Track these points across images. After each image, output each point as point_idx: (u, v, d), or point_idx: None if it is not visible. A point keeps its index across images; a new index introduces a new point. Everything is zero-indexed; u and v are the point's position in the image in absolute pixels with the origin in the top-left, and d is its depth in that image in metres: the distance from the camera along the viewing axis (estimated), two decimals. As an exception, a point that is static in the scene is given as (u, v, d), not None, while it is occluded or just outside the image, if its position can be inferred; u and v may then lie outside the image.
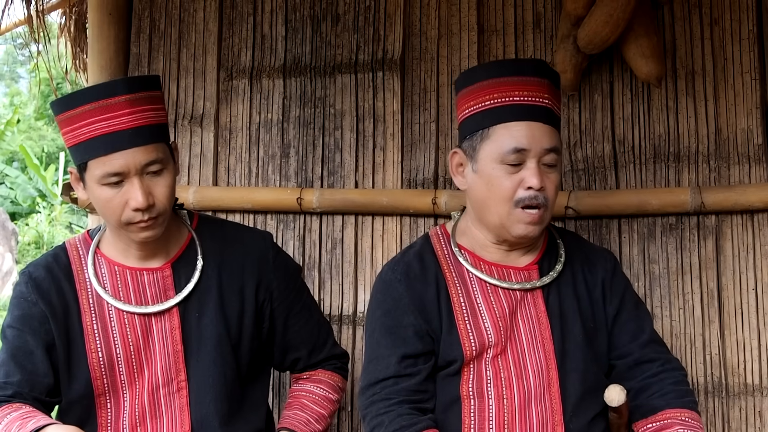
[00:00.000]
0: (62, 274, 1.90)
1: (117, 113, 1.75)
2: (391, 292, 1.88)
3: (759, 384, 2.33)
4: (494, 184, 1.78)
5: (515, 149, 1.76)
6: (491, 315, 1.84)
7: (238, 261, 1.97)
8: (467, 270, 1.88)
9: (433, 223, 2.49)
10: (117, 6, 2.69)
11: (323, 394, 2.02)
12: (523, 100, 1.78)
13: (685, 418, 1.79)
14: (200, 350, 1.89)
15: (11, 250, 11.22)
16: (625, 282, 1.99)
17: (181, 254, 1.94)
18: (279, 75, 2.63)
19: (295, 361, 2.06)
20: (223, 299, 1.93)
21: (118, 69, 2.68)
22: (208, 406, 1.88)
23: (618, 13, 2.14)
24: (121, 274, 1.90)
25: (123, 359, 1.86)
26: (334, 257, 2.55)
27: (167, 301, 1.89)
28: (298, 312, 2.04)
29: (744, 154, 2.38)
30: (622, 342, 1.91)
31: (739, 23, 2.42)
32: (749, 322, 2.35)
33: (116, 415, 1.87)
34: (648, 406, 1.84)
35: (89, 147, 1.76)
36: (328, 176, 2.58)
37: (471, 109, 1.82)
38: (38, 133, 17.14)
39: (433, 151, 2.52)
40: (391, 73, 2.55)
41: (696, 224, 2.39)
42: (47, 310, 1.86)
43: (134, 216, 1.78)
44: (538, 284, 1.87)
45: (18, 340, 1.86)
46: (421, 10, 2.57)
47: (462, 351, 1.82)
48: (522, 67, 1.84)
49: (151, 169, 1.78)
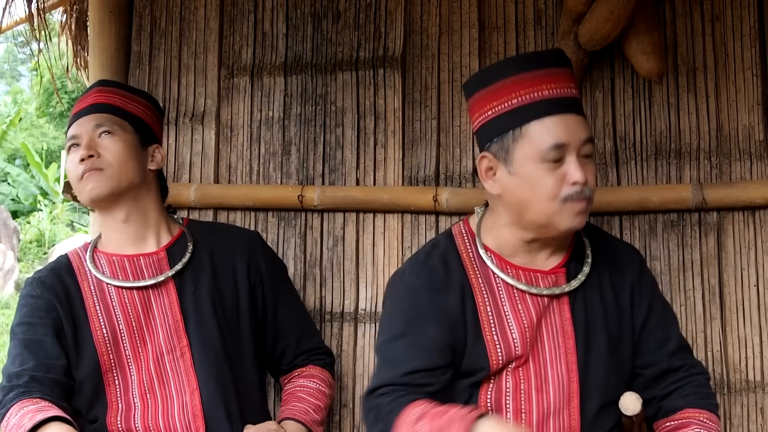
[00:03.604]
0: (64, 270, 2.05)
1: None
2: (415, 301, 1.79)
3: (761, 380, 2.33)
4: (537, 184, 1.69)
5: (555, 145, 1.67)
6: (518, 324, 1.76)
7: (228, 247, 2.12)
8: (493, 273, 1.80)
9: (434, 220, 2.49)
10: (118, 4, 2.69)
11: (317, 387, 2.09)
12: (553, 93, 1.69)
13: (703, 419, 1.76)
14: (198, 318, 2.01)
15: (13, 248, 11.24)
16: (653, 283, 1.93)
17: (174, 242, 2.09)
18: (280, 72, 2.63)
19: (284, 350, 2.14)
20: (216, 277, 2.07)
21: (119, 67, 2.68)
22: (211, 365, 1.97)
23: (619, 10, 2.14)
24: (119, 262, 2.04)
25: (126, 334, 1.97)
26: (336, 255, 2.55)
27: (162, 274, 2.02)
28: (286, 297, 2.16)
29: (745, 151, 2.38)
30: (649, 350, 1.85)
31: (740, 19, 2.41)
32: (751, 318, 2.34)
33: (125, 388, 1.97)
34: (669, 407, 1.82)
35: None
36: (329, 173, 2.58)
37: (495, 109, 1.72)
38: (40, 130, 17.16)
39: (434, 149, 2.52)
40: (392, 70, 2.55)
41: (697, 221, 2.39)
42: (53, 299, 1.98)
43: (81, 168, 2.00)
44: (566, 289, 1.79)
45: (28, 333, 1.96)
46: (421, 7, 2.57)
47: (489, 363, 1.75)
48: (545, 59, 1.75)
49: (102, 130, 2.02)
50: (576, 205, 1.69)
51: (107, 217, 2.06)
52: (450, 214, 2.47)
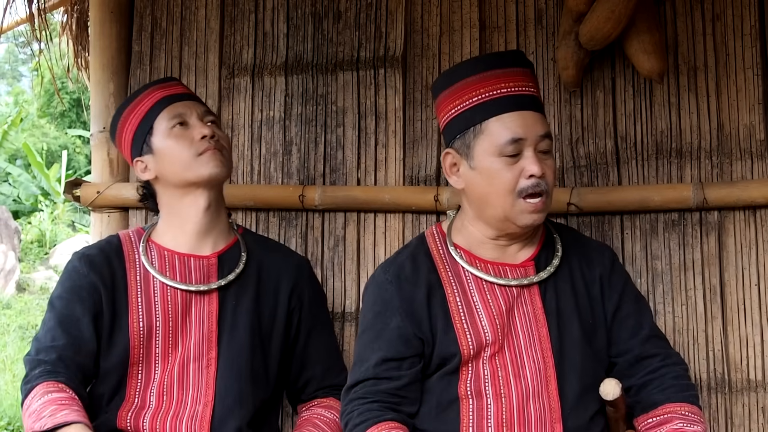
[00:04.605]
0: (113, 253, 2.03)
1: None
2: (382, 293, 1.89)
3: (762, 380, 2.33)
4: (495, 177, 1.79)
5: (512, 140, 1.77)
6: (488, 313, 1.84)
7: (276, 265, 2.10)
8: (463, 268, 1.88)
9: (435, 220, 2.49)
10: (118, 4, 2.69)
11: (333, 418, 2.04)
12: (511, 91, 1.80)
13: (686, 413, 1.79)
14: (233, 334, 1.99)
15: (14, 248, 11.23)
16: (625, 277, 1.98)
17: (227, 249, 2.07)
18: (281, 72, 2.63)
19: (307, 382, 2.11)
20: (259, 295, 2.04)
21: (120, 67, 2.68)
22: (233, 384, 1.95)
23: (620, 9, 2.14)
24: (170, 258, 2.02)
25: (161, 332, 1.96)
26: (337, 254, 2.55)
27: (210, 283, 2.00)
28: (321, 329, 2.13)
29: (746, 150, 2.38)
30: (621, 338, 1.90)
31: (741, 19, 2.41)
32: (752, 318, 2.34)
33: (145, 384, 1.95)
34: (648, 401, 1.83)
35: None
36: (330, 173, 2.58)
37: (457, 107, 1.83)
38: (41, 131, 17.15)
39: (435, 148, 2.52)
40: (393, 70, 2.55)
41: (698, 220, 2.39)
42: (98, 281, 1.96)
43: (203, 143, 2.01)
44: (535, 280, 1.86)
45: (66, 309, 1.94)
46: (422, 6, 2.57)
47: (459, 350, 1.81)
48: (504, 60, 1.86)
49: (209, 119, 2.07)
50: (533, 203, 1.78)
51: (191, 203, 2.02)
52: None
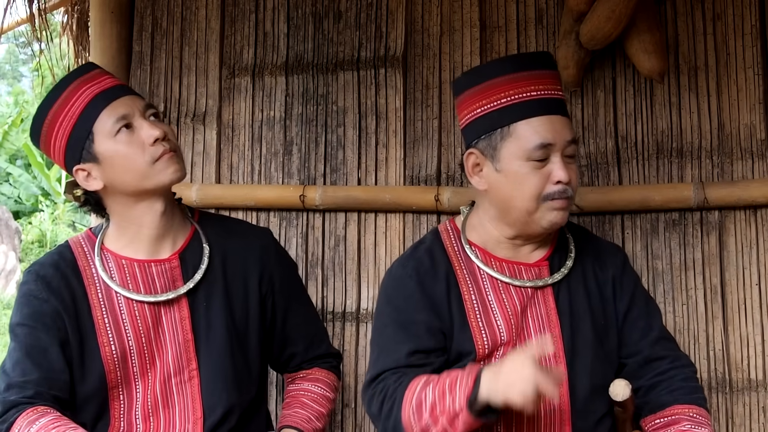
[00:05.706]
0: (69, 270, 1.88)
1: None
2: (402, 288, 1.86)
3: (762, 379, 2.33)
4: (522, 181, 1.76)
5: (541, 145, 1.74)
6: (503, 312, 1.82)
7: (240, 253, 1.99)
8: (478, 267, 1.86)
9: (435, 219, 2.49)
10: (119, 4, 2.69)
11: (321, 393, 2.03)
12: (541, 94, 1.77)
13: (693, 414, 1.78)
14: (209, 339, 1.90)
15: (14, 248, 11.24)
16: (635, 278, 1.97)
17: (187, 245, 1.95)
18: (281, 72, 2.63)
19: (291, 356, 2.07)
20: (228, 290, 1.95)
21: (120, 67, 2.68)
22: (220, 394, 1.88)
23: (620, 9, 2.14)
24: (129, 267, 1.89)
25: (135, 351, 1.85)
26: (337, 254, 2.55)
27: (177, 289, 1.89)
28: (297, 305, 2.06)
29: (747, 150, 2.38)
30: (632, 340, 1.89)
31: (741, 18, 2.41)
32: (753, 317, 2.34)
33: (129, 406, 1.86)
34: (656, 402, 1.83)
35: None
36: (331, 173, 2.58)
37: (484, 107, 1.79)
38: (41, 131, 17.12)
39: (436, 148, 2.52)
40: (394, 69, 2.55)
41: (699, 220, 2.39)
42: (60, 307, 1.83)
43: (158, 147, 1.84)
44: (549, 281, 1.85)
45: (31, 338, 1.82)
46: (423, 6, 2.57)
47: (474, 347, 1.80)
48: (533, 62, 1.82)
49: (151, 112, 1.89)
50: (556, 204, 1.77)
51: (146, 210, 1.88)
52: (452, 214, 2.46)
